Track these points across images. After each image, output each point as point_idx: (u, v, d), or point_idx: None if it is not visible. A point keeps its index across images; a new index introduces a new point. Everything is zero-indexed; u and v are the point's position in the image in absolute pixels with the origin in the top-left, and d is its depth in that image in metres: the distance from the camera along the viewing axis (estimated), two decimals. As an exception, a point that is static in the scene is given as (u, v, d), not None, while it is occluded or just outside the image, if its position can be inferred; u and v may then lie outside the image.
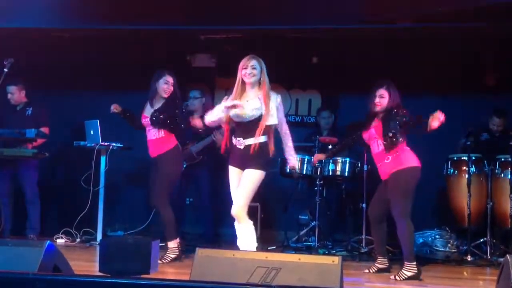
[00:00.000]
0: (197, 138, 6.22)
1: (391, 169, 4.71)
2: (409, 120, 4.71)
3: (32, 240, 5.63)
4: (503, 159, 5.86)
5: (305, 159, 6.09)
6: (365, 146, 5.10)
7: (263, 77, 4.36)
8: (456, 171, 6.13)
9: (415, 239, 5.75)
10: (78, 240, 6.19)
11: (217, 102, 7.07)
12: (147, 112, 5.24)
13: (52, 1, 6.09)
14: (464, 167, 5.96)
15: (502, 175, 5.84)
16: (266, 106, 4.29)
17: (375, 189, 5.01)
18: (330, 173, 6.12)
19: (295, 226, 6.47)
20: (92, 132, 6.17)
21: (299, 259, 2.99)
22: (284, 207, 6.57)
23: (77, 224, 6.16)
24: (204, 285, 2.78)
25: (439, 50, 6.48)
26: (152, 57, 6.84)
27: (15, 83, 6.22)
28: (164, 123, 5.14)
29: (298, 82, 7.44)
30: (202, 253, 3.11)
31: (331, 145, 6.00)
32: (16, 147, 5.92)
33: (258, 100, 4.33)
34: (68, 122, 7.01)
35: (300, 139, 6.30)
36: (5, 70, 5.35)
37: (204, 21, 6.27)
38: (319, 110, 7.01)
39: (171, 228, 5.17)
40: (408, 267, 4.70)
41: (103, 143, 6.09)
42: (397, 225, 4.72)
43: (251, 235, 4.28)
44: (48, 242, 3.13)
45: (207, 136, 6.08)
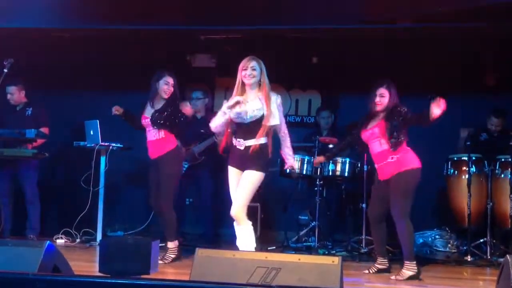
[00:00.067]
0: (199, 138, 6.23)
1: (395, 169, 4.70)
2: (412, 116, 4.72)
3: (32, 240, 5.63)
4: (503, 160, 5.85)
5: (305, 159, 6.09)
6: (362, 147, 5.08)
7: (263, 78, 4.37)
8: (456, 171, 6.13)
9: (415, 239, 5.76)
10: (78, 240, 6.18)
11: (217, 102, 7.13)
12: (148, 113, 5.24)
13: (52, 1, 6.09)
14: (464, 167, 5.95)
15: (502, 175, 5.83)
16: (268, 107, 4.29)
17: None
18: (330, 173, 6.13)
19: (295, 226, 6.47)
20: (92, 132, 6.17)
21: (299, 259, 2.98)
22: (284, 207, 6.56)
23: (77, 224, 6.16)
24: (204, 285, 2.78)
25: (439, 50, 6.48)
26: (152, 57, 6.84)
27: (15, 83, 6.21)
28: (164, 124, 5.13)
29: (298, 82, 7.44)
30: (202, 253, 3.11)
31: (332, 145, 6.01)
32: (16, 147, 5.92)
33: (258, 101, 4.33)
34: (68, 122, 7.00)
35: (300, 139, 6.31)
36: (5, 70, 5.35)
37: (204, 21, 6.26)
38: (319, 110, 7.01)
39: (172, 229, 5.20)
40: (409, 267, 4.72)
41: (103, 143, 6.08)
42: (397, 225, 4.72)
43: (250, 236, 4.27)
44: (48, 242, 3.13)
45: (209, 137, 6.09)
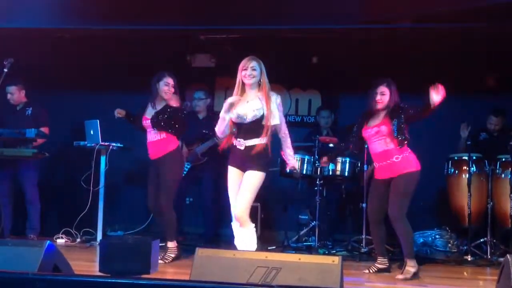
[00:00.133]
0: (201, 139, 6.24)
1: (398, 170, 4.70)
2: (413, 111, 4.73)
3: (32, 240, 5.63)
4: (504, 159, 5.85)
5: (305, 159, 6.09)
6: (358, 145, 5.09)
7: (263, 78, 4.37)
8: (456, 171, 6.13)
9: (415, 239, 5.78)
10: (78, 240, 6.19)
11: (217, 102, 7.13)
12: (149, 114, 5.24)
13: (52, 1, 6.09)
14: (465, 167, 5.95)
15: (503, 175, 5.83)
16: (268, 107, 4.29)
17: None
18: (330, 173, 6.12)
19: (295, 226, 6.47)
20: (92, 132, 6.17)
21: (299, 259, 2.99)
22: (284, 207, 6.56)
23: (77, 224, 6.16)
24: (204, 285, 2.78)
25: (439, 50, 6.48)
26: (152, 57, 6.84)
27: (15, 83, 6.21)
28: (164, 126, 5.14)
29: (298, 82, 7.44)
30: (202, 253, 3.11)
31: (332, 144, 6.02)
32: (16, 147, 5.92)
33: (258, 100, 4.33)
34: (68, 122, 7.00)
35: (300, 139, 6.31)
36: (5, 70, 5.34)
37: (204, 21, 6.26)
38: (319, 109, 7.01)
39: (172, 229, 5.22)
40: (411, 264, 4.76)
41: (103, 143, 6.07)
42: (396, 226, 4.72)
43: (252, 237, 4.29)
44: (48, 242, 3.13)
45: (211, 137, 6.09)
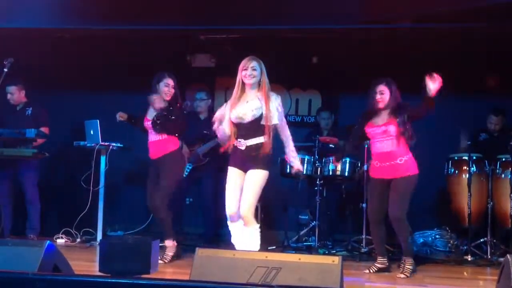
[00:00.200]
0: (202, 140, 6.24)
1: (401, 173, 4.72)
2: (413, 108, 4.74)
3: (32, 240, 5.63)
4: (504, 159, 5.85)
5: (305, 159, 6.08)
6: (358, 148, 5.12)
7: (263, 78, 4.38)
8: (456, 171, 6.13)
9: (415, 239, 5.78)
10: (78, 240, 6.19)
11: (217, 102, 7.12)
12: (150, 115, 5.25)
13: (52, 1, 6.09)
14: (465, 167, 5.95)
15: (503, 175, 5.83)
16: (267, 106, 4.30)
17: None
18: (330, 173, 6.12)
19: (295, 226, 6.47)
20: (92, 132, 6.17)
21: (299, 259, 2.98)
22: (284, 207, 6.56)
23: (77, 224, 6.17)
24: (204, 285, 2.78)
25: (439, 50, 6.47)
26: (152, 57, 6.84)
27: (15, 83, 6.21)
28: (164, 127, 5.14)
29: (298, 82, 7.44)
30: (202, 253, 3.11)
31: (332, 145, 6.02)
32: (16, 147, 5.92)
33: (258, 100, 4.33)
34: (68, 122, 7.00)
35: (300, 139, 6.30)
36: (5, 70, 5.34)
37: (204, 21, 6.26)
38: (319, 110, 7.01)
39: (169, 228, 5.24)
40: (410, 262, 4.81)
41: (103, 143, 6.08)
42: (395, 225, 4.74)
43: (256, 237, 4.29)
44: (48, 242, 3.13)
45: (213, 138, 6.09)
